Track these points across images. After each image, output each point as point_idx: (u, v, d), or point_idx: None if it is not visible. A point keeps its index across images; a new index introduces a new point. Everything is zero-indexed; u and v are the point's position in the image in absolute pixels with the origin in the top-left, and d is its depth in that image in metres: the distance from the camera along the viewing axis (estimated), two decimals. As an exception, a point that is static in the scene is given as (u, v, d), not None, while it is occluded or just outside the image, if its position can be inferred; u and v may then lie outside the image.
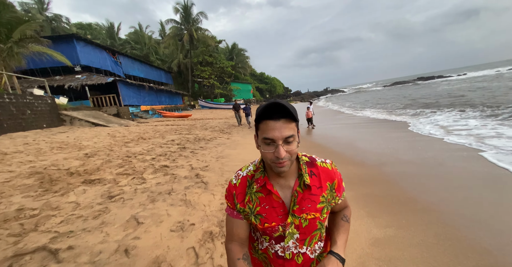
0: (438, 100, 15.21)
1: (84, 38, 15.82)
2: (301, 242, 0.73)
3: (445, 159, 4.11)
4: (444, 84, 34.29)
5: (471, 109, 9.81)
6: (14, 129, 7.05)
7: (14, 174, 3.40)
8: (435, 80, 52.04)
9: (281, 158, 0.62)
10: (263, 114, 0.64)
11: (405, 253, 1.88)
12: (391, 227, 2.27)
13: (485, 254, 1.81)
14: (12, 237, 1.93)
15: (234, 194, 0.75)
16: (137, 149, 5.42)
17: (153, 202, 2.68)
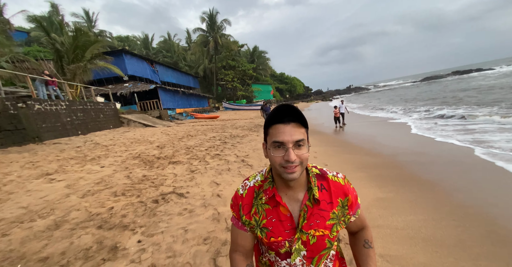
0: (463, 98, 14.88)
1: (130, 51, 18.41)
2: (308, 259, 0.70)
3: (439, 153, 4.89)
4: (480, 79, 31.93)
5: (484, 108, 9.84)
6: (94, 129, 9.10)
7: (123, 157, 5.01)
8: (472, 74, 48.01)
9: (291, 161, 0.60)
10: (273, 119, 0.63)
11: (398, 205, 2.90)
12: (391, 192, 3.26)
13: (456, 204, 2.78)
14: (153, 188, 3.36)
15: (240, 205, 0.73)
16: (191, 143, 6.92)
17: (220, 174, 3.99)
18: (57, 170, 4.00)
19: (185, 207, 2.74)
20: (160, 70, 23.63)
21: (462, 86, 23.65)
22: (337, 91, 71.75)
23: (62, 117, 7.48)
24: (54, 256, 1.83)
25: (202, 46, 34.83)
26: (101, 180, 3.60)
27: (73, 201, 2.81)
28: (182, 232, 2.21)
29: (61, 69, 10.61)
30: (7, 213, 2.47)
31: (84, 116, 8.75)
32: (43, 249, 1.91)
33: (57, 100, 7.52)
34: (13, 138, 5.64)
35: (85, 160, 4.74)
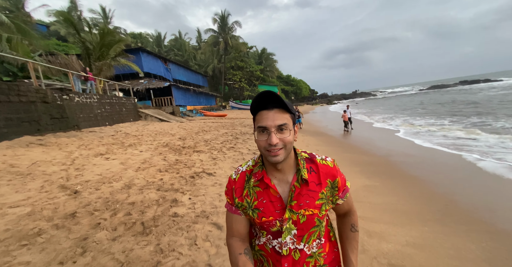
0: (462, 109, 15.52)
1: (146, 50, 19.49)
2: (298, 238, 0.72)
3: (429, 156, 5.69)
4: (485, 89, 32.28)
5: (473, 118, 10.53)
6: (118, 121, 10.09)
7: (154, 145, 5.93)
8: (479, 85, 48.08)
9: (273, 144, 0.63)
10: (257, 106, 0.66)
11: (380, 190, 3.74)
12: (377, 182, 4.09)
13: (426, 191, 3.61)
14: (186, 168, 4.24)
15: (233, 189, 0.76)
16: (207, 137, 7.82)
17: (237, 162, 4.86)
18: (107, 151, 4.94)
19: (215, 182, 3.62)
20: (173, 68, 24.70)
21: (471, 96, 24.18)
22: (343, 96, 72.17)
23: (94, 109, 8.47)
24: (137, 202, 2.73)
25: (212, 47, 35.88)
26: (144, 160, 4.51)
27: (131, 173, 3.72)
28: (217, 196, 3.08)
29: (89, 65, 11.64)
30: (90, 177, 3.39)
31: (111, 109, 9.74)
32: (128, 198, 2.81)
33: (90, 94, 8.51)
34: (60, 125, 6.62)
35: (124, 145, 5.67)
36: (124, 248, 1.91)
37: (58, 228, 2.11)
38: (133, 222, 2.30)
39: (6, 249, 1.77)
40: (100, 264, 1.70)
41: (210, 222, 2.40)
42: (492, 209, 2.86)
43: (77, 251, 1.83)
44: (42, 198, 2.64)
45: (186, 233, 2.18)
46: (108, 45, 12.20)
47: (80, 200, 2.67)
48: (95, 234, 2.06)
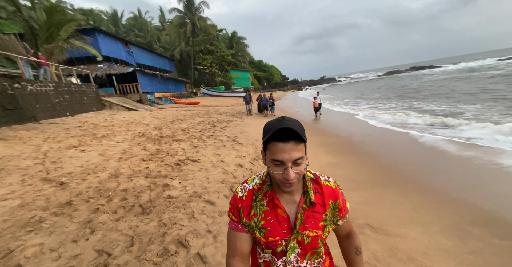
0: (402, 94, 17.80)
1: (103, 30, 17.42)
2: (302, 256, 0.74)
3: (380, 134, 6.73)
4: (427, 75, 36.90)
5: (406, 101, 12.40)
6: (80, 111, 9.29)
7: (129, 136, 5.82)
8: (425, 71, 54.36)
9: (290, 179, 0.64)
10: (272, 136, 0.64)
11: (342, 165, 4.44)
12: (340, 159, 4.81)
13: (377, 163, 4.41)
14: (170, 156, 4.40)
15: (240, 208, 0.75)
16: (184, 125, 7.83)
17: (219, 149, 5.16)
18: (80, 143, 4.75)
19: (201, 167, 3.90)
20: (135, 51, 22.64)
21: (415, 82, 27.46)
22: (312, 82, 74.90)
23: (52, 99, 7.68)
24: (129, 188, 2.91)
25: (178, 28, 33.38)
26: (124, 151, 4.51)
27: (114, 164, 3.77)
28: (205, 179, 3.40)
29: (36, 48, 10.14)
30: (71, 169, 3.38)
31: (70, 98, 8.88)
32: (119, 186, 2.96)
33: (45, 82, 7.64)
34: (14, 117, 5.96)
35: (97, 137, 5.46)
36: (129, 225, 2.16)
37: (57, 215, 2.24)
38: (131, 205, 2.52)
39: (13, 235, 1.88)
40: (111, 239, 1.95)
41: (203, 200, 2.74)
42: (423, 173, 3.75)
43: (86, 231, 2.02)
44: (28, 190, 2.64)
45: (183, 209, 2.49)
46: (58, 25, 10.70)
47: (70, 190, 2.74)
48: (97, 217, 2.24)
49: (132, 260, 1.73)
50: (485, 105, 9.26)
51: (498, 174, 3.49)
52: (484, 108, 8.86)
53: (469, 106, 9.50)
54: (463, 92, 14.08)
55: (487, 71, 27.34)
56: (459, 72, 33.95)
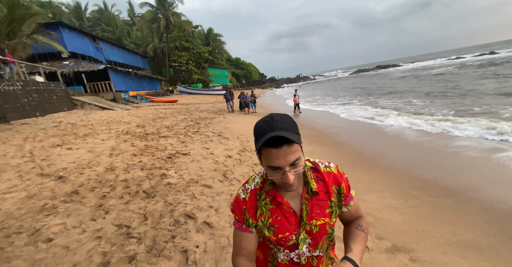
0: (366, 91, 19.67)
1: (68, 25, 16.18)
2: (313, 246, 0.75)
3: (352, 125, 7.61)
4: (391, 73, 40.58)
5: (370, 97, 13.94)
6: (50, 111, 8.78)
7: (113, 134, 5.83)
8: (389, 69, 59.30)
9: (289, 183, 0.62)
10: (265, 143, 0.61)
11: (319, 153, 5.07)
12: (316, 148, 5.44)
13: (350, 150, 5.12)
14: (160, 151, 4.62)
15: (245, 209, 0.75)
16: (167, 123, 7.91)
17: (206, 143, 5.48)
18: (63, 142, 4.72)
19: (192, 159, 4.21)
20: (105, 47, 21.33)
21: (379, 79, 30.08)
22: (289, 79, 76.96)
23: (20, 98, 7.21)
24: (129, 179, 3.15)
25: (151, 23, 31.96)
26: (112, 148, 4.61)
27: (107, 159, 3.91)
28: (199, 168, 3.74)
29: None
30: (64, 165, 3.47)
31: (39, 98, 8.36)
32: (118, 177, 3.18)
33: (12, 81, 7.13)
34: (-20, 118, 5.58)
35: (79, 136, 5.40)
36: (138, 206, 2.46)
37: (67, 202, 2.44)
38: (136, 192, 2.79)
39: (33, 218, 2.09)
40: (126, 216, 2.25)
41: (201, 184, 3.10)
42: (382, 155, 4.52)
43: (100, 212, 2.29)
44: (30, 184, 2.76)
45: (184, 192, 2.84)
46: (21, 20, 9.85)
47: (72, 183, 2.91)
48: (107, 202, 2.50)
49: (149, 230, 2.06)
50: (421, 100, 10.80)
51: (437, 153, 4.39)
52: (419, 102, 10.35)
53: (414, 100, 10.98)
54: (410, 89, 16.02)
55: (432, 70, 30.93)
56: (414, 71, 37.84)
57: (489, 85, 12.68)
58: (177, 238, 1.94)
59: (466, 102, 9.12)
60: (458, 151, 4.32)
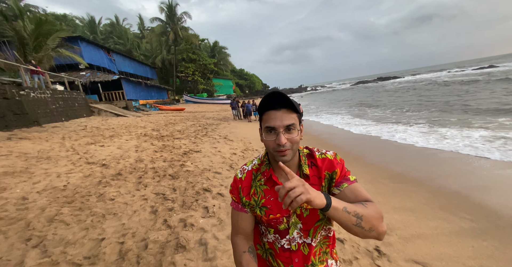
0: (363, 101, 20.56)
1: (86, 39, 17.67)
2: (305, 232, 0.75)
3: (339, 132, 8.42)
4: (389, 84, 41.70)
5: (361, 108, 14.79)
6: (72, 117, 9.76)
7: (133, 136, 6.69)
8: (390, 81, 60.64)
9: (282, 144, 0.65)
10: (265, 106, 0.67)
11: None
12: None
13: (342, 151, 5.91)
14: (176, 149, 5.44)
15: (240, 188, 0.78)
16: (178, 128, 8.79)
17: (215, 144, 6.30)
18: (95, 141, 5.58)
19: (204, 155, 5.02)
20: (117, 59, 22.85)
21: (379, 89, 31.10)
22: (291, 90, 78.70)
23: (50, 105, 8.20)
24: (155, 167, 3.95)
25: (160, 36, 33.98)
26: (136, 146, 5.46)
27: (134, 154, 4.74)
28: (210, 161, 4.53)
29: (24, 56, 10.43)
30: (103, 157, 4.30)
31: (64, 105, 9.37)
32: (146, 166, 3.99)
33: (44, 89, 8.16)
34: (22, 121, 6.51)
35: (106, 137, 6.28)
36: (167, 184, 3.25)
37: (114, 180, 3.25)
38: (163, 175, 3.59)
39: (95, 188, 2.89)
40: (160, 189, 3.03)
41: (212, 171, 3.89)
42: (362, 154, 5.28)
43: (141, 186, 3.08)
44: (83, 168, 3.59)
45: (200, 176, 3.62)
46: (46, 35, 11.12)
47: (114, 168, 3.73)
48: (144, 180, 3.30)
49: (179, 196, 2.85)
50: (409, 111, 11.61)
51: (406, 152, 5.15)
52: (406, 112, 11.15)
53: (407, 113, 11.80)
54: (407, 101, 16.89)
55: (429, 82, 31.96)
56: (414, 82, 38.91)
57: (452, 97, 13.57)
58: (199, 201, 2.72)
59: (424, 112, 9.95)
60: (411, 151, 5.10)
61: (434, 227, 2.36)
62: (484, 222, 2.40)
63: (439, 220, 2.48)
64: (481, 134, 5.64)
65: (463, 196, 2.96)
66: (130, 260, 1.72)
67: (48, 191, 2.79)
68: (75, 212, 2.37)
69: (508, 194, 2.93)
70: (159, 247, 1.86)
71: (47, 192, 2.77)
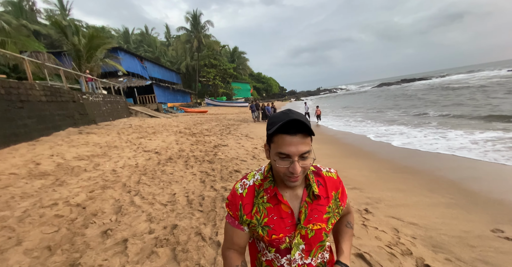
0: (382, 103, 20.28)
1: (124, 49, 19.98)
2: (306, 253, 0.73)
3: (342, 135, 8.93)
4: (412, 87, 40.05)
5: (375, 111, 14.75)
6: (117, 117, 11.41)
7: (171, 133, 7.90)
8: (414, 83, 57.85)
9: (296, 174, 0.62)
10: (279, 128, 0.61)
11: (323, 149, 6.55)
12: (323, 146, 6.91)
13: (346, 148, 6.55)
14: (207, 143, 6.48)
15: (241, 205, 0.73)
16: (205, 127, 9.95)
17: (238, 140, 7.25)
18: (143, 136, 6.83)
19: (230, 148, 5.98)
20: (148, 66, 25.20)
21: (399, 92, 30.25)
22: (308, 92, 78.36)
23: (101, 107, 9.82)
24: (195, 155, 4.97)
25: (185, 44, 36.52)
26: (175, 140, 6.60)
27: (176, 146, 5.85)
28: (236, 153, 5.46)
29: (79, 66, 12.44)
30: (153, 147, 5.45)
31: (111, 107, 11.04)
32: (188, 154, 5.03)
33: (97, 94, 9.82)
34: (85, 120, 8.06)
35: (149, 133, 7.55)
36: (207, 166, 4.22)
37: (168, 162, 4.30)
38: (202, 160, 4.59)
39: (157, 167, 3.95)
40: (202, 169, 4.01)
41: (239, 159, 4.80)
42: (367, 149, 5.86)
43: (188, 167, 4.09)
44: (143, 155, 4.72)
45: (230, 162, 4.55)
46: (96, 47, 13.09)
47: (165, 155, 4.82)
48: (189, 163, 4.31)
49: (217, 174, 3.79)
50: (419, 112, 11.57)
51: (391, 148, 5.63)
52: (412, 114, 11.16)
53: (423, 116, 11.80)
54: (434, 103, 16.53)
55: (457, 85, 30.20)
56: (445, 84, 36.96)
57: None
58: (233, 177, 3.64)
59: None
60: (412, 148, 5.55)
61: (417, 200, 3.01)
62: (462, 200, 2.99)
63: (423, 197, 3.10)
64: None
65: (454, 183, 3.50)
66: (195, 204, 2.67)
67: (126, 167, 3.90)
68: (150, 179, 3.41)
69: (496, 183, 3.42)
70: (211, 199, 2.79)
71: (126, 167, 3.88)
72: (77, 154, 4.41)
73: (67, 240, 1.92)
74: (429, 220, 2.51)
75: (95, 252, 1.78)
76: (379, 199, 3.04)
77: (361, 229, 2.30)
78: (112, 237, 1.97)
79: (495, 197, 2.98)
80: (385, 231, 2.28)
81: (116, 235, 1.99)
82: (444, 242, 2.13)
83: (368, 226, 2.37)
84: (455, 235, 2.24)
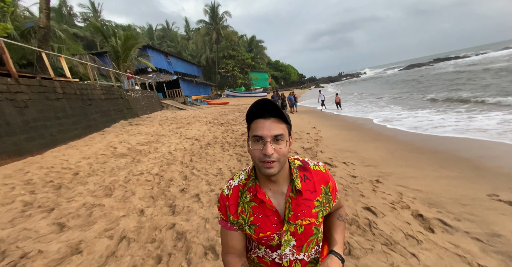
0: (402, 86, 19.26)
1: (152, 46, 21.45)
2: (298, 248, 0.73)
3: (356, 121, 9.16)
4: (450, 66, 36.66)
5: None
6: (152, 110, 12.85)
7: (202, 123, 8.96)
8: (450, 62, 52.68)
9: (268, 155, 0.62)
10: (254, 113, 0.65)
11: (344, 136, 7.08)
12: (343, 131, 7.41)
13: (360, 132, 7.02)
14: (236, 132, 7.37)
15: (227, 205, 0.75)
16: (229, 117, 10.89)
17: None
18: (180, 126, 7.95)
19: (256, 135, 6.80)
20: (173, 61, 26.67)
21: (429, 73, 28.20)
22: (329, 78, 75.50)
23: (141, 102, 11.22)
24: (228, 141, 5.89)
25: (204, 37, 37.37)
26: (208, 129, 7.60)
27: (209, 134, 6.83)
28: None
29: (117, 65, 13.99)
30: (192, 135, 6.49)
31: (148, 102, 12.46)
32: (222, 140, 5.96)
33: (137, 90, 11.20)
34: (130, 114, 9.45)
35: (184, 124, 8.68)
36: (240, 150, 5.09)
37: (208, 147, 5.28)
38: (235, 145, 5.48)
39: (202, 149, 4.94)
40: (236, 152, 4.90)
41: (266, 144, 5.62)
42: (380, 134, 6.25)
43: (225, 150, 5.02)
44: (187, 141, 5.76)
45: (259, 147, 5.39)
46: (131, 47, 14.48)
47: (203, 141, 5.82)
48: (225, 147, 5.24)
49: (247, 155, 4.65)
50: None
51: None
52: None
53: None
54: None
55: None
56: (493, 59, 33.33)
57: None
58: (263, 157, 4.47)
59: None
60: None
61: (426, 174, 3.47)
62: (469, 173, 3.28)
63: (432, 172, 3.54)
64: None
65: (468, 160, 3.69)
66: (237, 175, 3.57)
67: (178, 150, 4.95)
68: (199, 159, 4.39)
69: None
70: (249, 172, 3.67)
71: (178, 150, 4.92)
72: (137, 141, 5.58)
73: (160, 194, 2.93)
74: (432, 188, 2.81)
75: (181, 200, 2.74)
76: (390, 173, 3.60)
77: (370, 193, 2.90)
78: (188, 193, 2.93)
79: (505, 171, 3.11)
80: (391, 194, 2.82)
81: (190, 192, 2.95)
82: (440, 202, 2.46)
83: (377, 191, 2.93)
84: (451, 197, 2.53)
